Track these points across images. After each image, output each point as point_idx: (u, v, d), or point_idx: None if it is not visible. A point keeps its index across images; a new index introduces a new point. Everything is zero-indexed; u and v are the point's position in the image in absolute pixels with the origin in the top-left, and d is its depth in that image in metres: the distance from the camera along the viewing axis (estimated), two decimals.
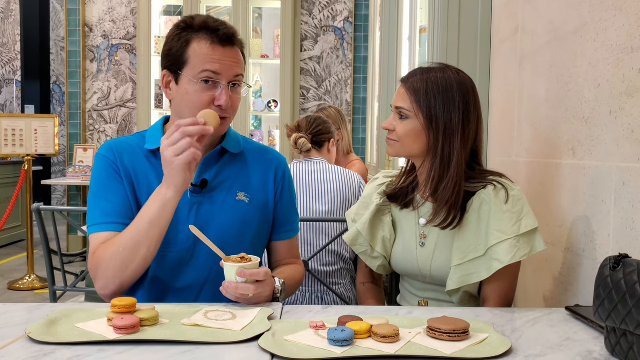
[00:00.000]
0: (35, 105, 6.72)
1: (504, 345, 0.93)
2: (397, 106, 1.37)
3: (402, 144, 1.37)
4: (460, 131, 1.32)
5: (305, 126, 2.35)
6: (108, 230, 1.29)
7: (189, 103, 1.31)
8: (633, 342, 0.85)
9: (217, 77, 1.30)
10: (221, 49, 1.31)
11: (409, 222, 1.45)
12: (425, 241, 1.41)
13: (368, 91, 5.61)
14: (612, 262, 0.88)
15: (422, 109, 1.33)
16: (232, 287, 1.15)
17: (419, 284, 1.45)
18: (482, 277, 1.29)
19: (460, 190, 1.32)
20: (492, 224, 1.29)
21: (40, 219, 2.09)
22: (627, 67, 1.15)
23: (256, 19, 6.06)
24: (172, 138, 1.18)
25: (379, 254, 1.47)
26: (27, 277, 4.38)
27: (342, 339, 0.93)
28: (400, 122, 1.36)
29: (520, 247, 1.26)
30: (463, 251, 1.32)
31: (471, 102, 1.34)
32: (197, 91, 1.29)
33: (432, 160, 1.35)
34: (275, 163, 1.48)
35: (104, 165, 1.35)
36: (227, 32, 1.32)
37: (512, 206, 1.29)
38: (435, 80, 1.33)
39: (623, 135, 1.17)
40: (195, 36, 1.31)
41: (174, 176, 1.19)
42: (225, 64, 1.30)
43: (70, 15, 5.65)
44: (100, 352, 0.91)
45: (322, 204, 2.19)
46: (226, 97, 1.30)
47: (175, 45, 1.32)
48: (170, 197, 1.21)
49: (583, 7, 1.35)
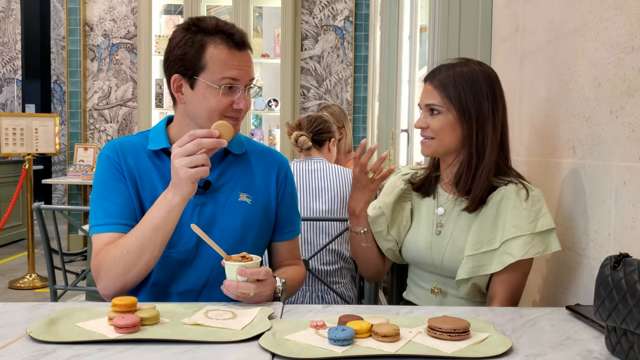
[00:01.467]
0: (35, 104, 6.73)
1: (504, 344, 0.93)
2: (427, 103, 1.40)
3: (439, 140, 1.40)
4: (491, 119, 1.37)
5: (306, 125, 2.35)
6: (111, 231, 1.29)
7: (208, 107, 1.30)
8: (633, 341, 0.85)
9: (237, 82, 1.30)
10: (238, 54, 1.31)
11: (428, 210, 1.48)
12: (442, 230, 1.43)
13: (368, 90, 5.61)
14: (612, 261, 0.88)
15: (453, 102, 1.37)
16: (233, 285, 1.15)
17: (428, 274, 1.46)
18: (493, 269, 1.32)
19: (490, 179, 1.37)
20: (509, 219, 1.32)
21: (40, 218, 2.09)
22: (628, 66, 1.15)
23: (256, 18, 6.06)
24: (187, 148, 1.18)
25: (392, 238, 1.50)
26: (27, 276, 4.39)
27: (343, 338, 0.93)
28: (433, 118, 1.39)
29: (535, 244, 1.29)
30: (477, 242, 1.34)
31: (497, 91, 1.40)
32: (217, 96, 1.29)
33: (468, 149, 1.38)
34: (278, 164, 1.48)
35: (108, 166, 1.35)
36: (241, 36, 1.32)
37: (531, 205, 1.32)
38: (460, 73, 1.38)
39: (623, 134, 1.17)
40: (210, 40, 1.29)
41: (182, 185, 1.19)
42: (243, 70, 1.31)
43: (71, 14, 5.65)
44: (101, 351, 0.91)
45: (322, 203, 2.19)
46: (245, 101, 1.32)
47: (190, 50, 1.30)
48: (176, 203, 1.21)
49: (583, 6, 1.35)
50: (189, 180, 1.18)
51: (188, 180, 1.18)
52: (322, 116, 2.44)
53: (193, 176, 1.18)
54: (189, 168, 1.17)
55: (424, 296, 1.48)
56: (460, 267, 1.35)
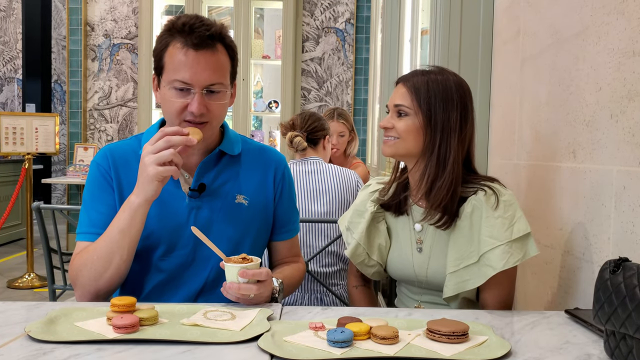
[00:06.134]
0: (36, 103, 6.73)
1: (503, 347, 0.93)
2: (396, 104, 1.38)
3: (402, 140, 1.37)
4: (457, 130, 1.34)
5: (300, 124, 2.34)
6: (93, 240, 1.29)
7: (166, 109, 1.29)
8: (632, 345, 0.85)
9: (188, 85, 1.24)
10: (194, 53, 1.23)
11: (404, 228, 1.45)
12: (422, 246, 1.41)
13: (369, 93, 5.61)
14: (612, 265, 0.88)
15: (421, 107, 1.34)
16: (234, 287, 1.15)
17: (416, 288, 1.45)
18: (477, 283, 1.30)
19: (456, 191, 1.33)
20: (484, 230, 1.29)
21: (40, 218, 2.09)
22: (629, 70, 1.15)
23: (258, 20, 6.07)
24: (156, 145, 1.18)
25: (375, 262, 1.47)
26: (26, 276, 4.38)
27: (342, 340, 0.93)
28: (399, 119, 1.37)
29: (513, 252, 1.27)
30: (457, 258, 1.32)
31: (469, 103, 1.37)
32: (171, 98, 1.26)
33: (428, 159, 1.35)
34: (275, 163, 1.47)
35: (97, 174, 1.35)
36: (201, 35, 1.23)
37: (504, 212, 1.29)
38: (435, 80, 1.35)
39: (624, 138, 1.17)
40: (171, 40, 1.26)
41: (146, 184, 1.19)
42: (197, 72, 1.23)
43: (72, 14, 5.66)
44: (100, 351, 0.91)
45: (320, 205, 2.19)
46: (197, 104, 1.24)
47: (157, 48, 1.29)
48: (138, 205, 1.21)
49: (585, 10, 1.36)
50: (155, 177, 1.17)
51: (155, 177, 1.17)
52: (315, 113, 2.43)
53: (161, 174, 1.17)
54: (157, 165, 1.17)
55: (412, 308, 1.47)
56: (445, 285, 1.33)
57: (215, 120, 1.31)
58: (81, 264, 1.26)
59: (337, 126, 3.14)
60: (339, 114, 3.20)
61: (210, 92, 1.27)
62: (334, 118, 3.16)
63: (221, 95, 1.29)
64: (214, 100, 1.28)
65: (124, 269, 1.26)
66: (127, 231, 1.22)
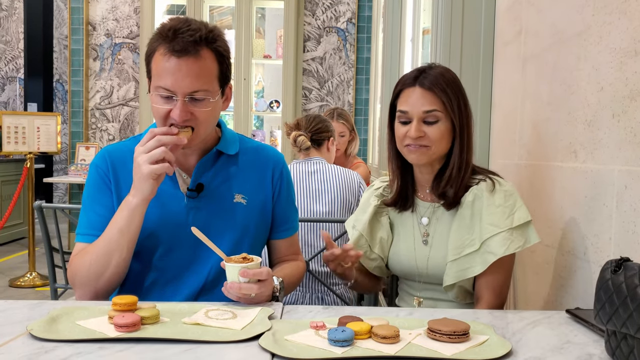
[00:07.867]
0: (38, 103, 6.74)
1: (504, 347, 0.93)
2: (427, 110, 1.34)
3: (436, 146, 1.36)
4: (471, 118, 1.40)
5: (304, 124, 2.35)
6: (92, 241, 1.30)
7: (154, 113, 1.30)
8: (633, 345, 0.84)
9: (169, 92, 1.23)
10: (176, 60, 1.21)
11: (408, 223, 1.47)
12: (428, 239, 1.43)
13: (370, 92, 5.61)
14: (613, 265, 0.88)
15: (452, 106, 1.35)
16: (235, 287, 1.15)
17: (417, 284, 1.46)
18: (478, 271, 1.32)
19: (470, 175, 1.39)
20: (485, 218, 1.32)
21: (42, 217, 2.09)
22: (631, 70, 1.15)
23: (259, 19, 6.07)
24: (147, 145, 1.20)
25: (377, 255, 1.49)
26: (28, 275, 4.39)
27: (343, 339, 0.93)
28: (430, 127, 1.35)
29: (514, 239, 1.29)
30: (458, 247, 1.34)
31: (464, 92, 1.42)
32: (156, 104, 1.26)
33: (458, 152, 1.37)
34: (273, 162, 1.46)
35: (95, 176, 1.37)
36: (185, 41, 1.21)
37: (504, 200, 1.32)
38: (442, 75, 1.37)
39: (625, 138, 1.17)
40: (157, 45, 1.25)
41: (142, 184, 1.20)
42: (178, 79, 1.22)
43: (74, 13, 5.66)
44: (101, 349, 0.91)
45: (322, 204, 2.19)
46: (179, 111, 1.22)
47: (146, 53, 1.29)
48: (135, 205, 1.22)
49: (586, 10, 1.35)
50: (149, 176, 1.19)
51: (149, 176, 1.19)
52: (320, 115, 2.43)
53: (154, 172, 1.19)
54: (150, 164, 1.19)
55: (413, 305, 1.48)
56: (446, 273, 1.34)
57: (202, 126, 1.28)
58: (80, 264, 1.27)
59: (337, 126, 3.14)
60: (339, 114, 3.21)
61: (193, 100, 1.25)
62: (334, 118, 3.17)
63: (205, 102, 1.26)
64: (198, 107, 1.25)
65: (123, 268, 1.27)
66: (125, 230, 1.23)
